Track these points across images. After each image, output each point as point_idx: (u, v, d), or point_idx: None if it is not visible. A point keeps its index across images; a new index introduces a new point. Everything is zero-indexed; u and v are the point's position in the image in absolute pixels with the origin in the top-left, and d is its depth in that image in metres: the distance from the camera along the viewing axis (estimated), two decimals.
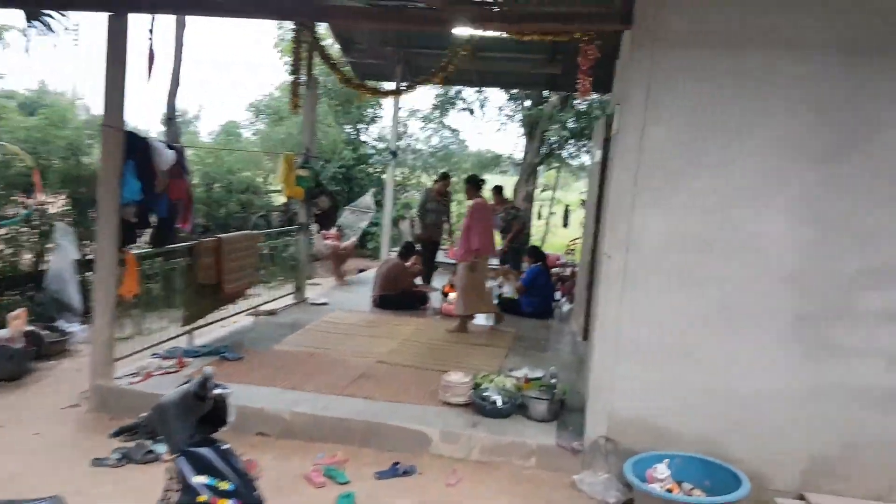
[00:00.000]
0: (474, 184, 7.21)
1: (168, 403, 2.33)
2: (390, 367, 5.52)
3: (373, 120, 16.19)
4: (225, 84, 45.96)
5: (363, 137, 16.46)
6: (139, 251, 5.38)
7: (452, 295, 8.20)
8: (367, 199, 11.70)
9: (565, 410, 4.51)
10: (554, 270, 9.26)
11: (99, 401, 4.66)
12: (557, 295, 8.64)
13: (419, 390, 4.89)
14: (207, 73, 51.48)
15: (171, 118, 9.44)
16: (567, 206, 13.06)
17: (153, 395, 4.35)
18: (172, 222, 5.42)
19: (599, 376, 3.94)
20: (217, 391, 2.36)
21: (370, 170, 15.42)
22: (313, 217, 8.07)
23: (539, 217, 14.82)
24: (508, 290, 8.99)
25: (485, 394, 4.49)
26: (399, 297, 7.97)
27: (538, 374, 4.98)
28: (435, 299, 8.40)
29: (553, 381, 4.65)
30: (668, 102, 3.76)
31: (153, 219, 5.19)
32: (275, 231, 7.89)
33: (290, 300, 8.08)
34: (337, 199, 8.22)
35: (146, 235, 5.44)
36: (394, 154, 11.24)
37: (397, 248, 9.51)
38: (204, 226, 9.85)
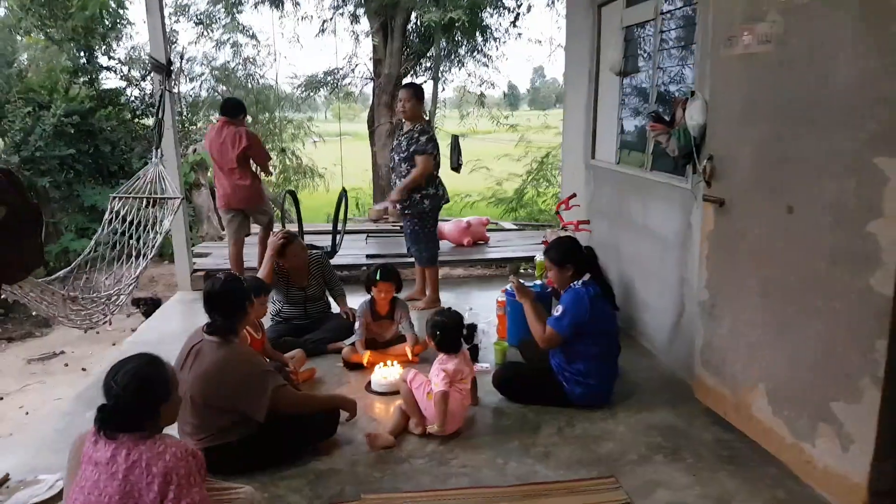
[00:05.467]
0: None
1: None
2: None
3: (112, 29, 9.57)
4: None
5: (105, 63, 10.11)
6: None
7: (396, 374, 3.49)
8: (156, 171, 5.25)
9: None
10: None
11: None
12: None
13: None
14: None
15: None
16: (455, 136, 7.37)
17: None
18: None
19: None
20: None
21: (126, 114, 9.46)
22: None
23: None
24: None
25: None
26: (243, 444, 2.93)
27: None
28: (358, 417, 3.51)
29: None
30: None
31: None
32: None
33: None
34: (28, 195, 2.62)
35: None
36: (164, 69, 5.67)
37: (211, 274, 3.40)
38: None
